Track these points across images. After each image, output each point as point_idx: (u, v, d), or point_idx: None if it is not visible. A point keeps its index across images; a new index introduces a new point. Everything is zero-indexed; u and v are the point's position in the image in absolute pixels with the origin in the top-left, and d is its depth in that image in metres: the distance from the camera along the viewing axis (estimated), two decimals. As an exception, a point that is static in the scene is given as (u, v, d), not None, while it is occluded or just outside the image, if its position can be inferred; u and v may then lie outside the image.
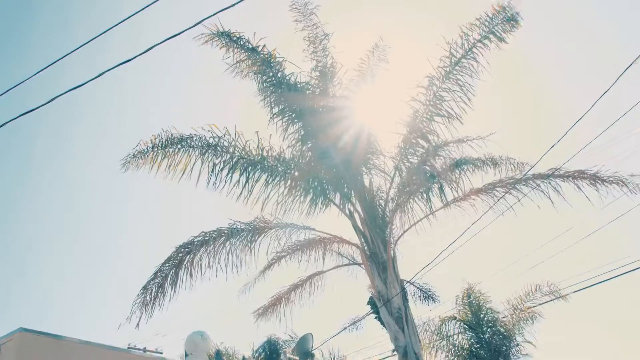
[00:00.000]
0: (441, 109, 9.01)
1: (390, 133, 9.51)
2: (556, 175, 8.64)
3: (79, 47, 4.48)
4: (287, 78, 9.13)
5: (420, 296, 12.91)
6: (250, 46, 9.00)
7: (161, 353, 20.50)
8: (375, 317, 9.05)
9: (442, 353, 13.99)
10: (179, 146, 8.45)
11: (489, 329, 13.94)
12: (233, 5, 4.12)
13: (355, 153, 9.19)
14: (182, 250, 8.45)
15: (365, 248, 9.08)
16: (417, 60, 9.58)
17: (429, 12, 25.09)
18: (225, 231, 8.72)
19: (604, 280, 10.27)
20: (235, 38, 8.95)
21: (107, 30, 4.41)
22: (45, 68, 4.55)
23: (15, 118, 4.73)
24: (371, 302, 9.29)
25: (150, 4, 4.26)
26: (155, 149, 8.42)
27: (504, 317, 14.14)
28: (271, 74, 9.13)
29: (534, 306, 13.69)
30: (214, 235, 8.61)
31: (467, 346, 13.89)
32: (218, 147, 8.56)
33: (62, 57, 4.50)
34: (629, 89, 7.25)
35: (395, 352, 8.64)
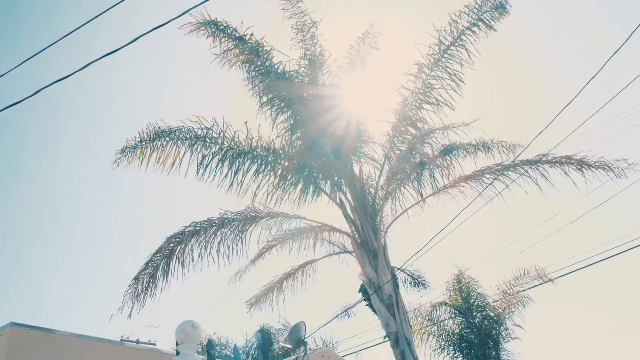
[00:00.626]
0: (430, 97, 9.05)
1: (380, 121, 9.55)
2: (543, 161, 8.74)
3: (64, 36, 4.41)
4: (276, 67, 9.08)
5: (410, 283, 13.04)
6: (238, 35, 8.92)
7: (154, 344, 20.53)
8: (367, 304, 9.14)
9: (433, 338, 14.21)
10: (167, 139, 8.40)
11: (479, 314, 14.17)
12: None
13: (345, 141, 9.21)
14: (174, 240, 8.43)
15: (356, 236, 9.14)
16: (407, 47, 9.56)
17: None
18: (216, 221, 8.71)
19: (591, 264, 10.48)
20: (222, 27, 8.87)
21: (94, 18, 4.34)
22: (30, 58, 4.48)
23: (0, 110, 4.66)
24: (362, 290, 9.37)
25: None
26: (144, 143, 8.37)
27: (493, 302, 14.37)
28: (259, 63, 9.07)
29: (523, 290, 13.92)
30: (204, 225, 8.59)
31: (458, 331, 14.12)
32: (207, 139, 8.52)
33: (47, 47, 4.43)
34: (615, 75, 7.33)
35: (386, 339, 8.75)
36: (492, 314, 14.07)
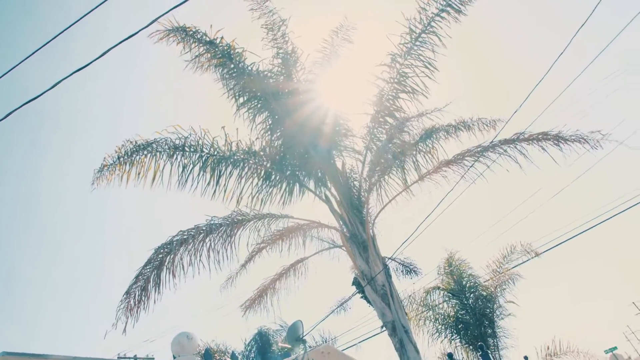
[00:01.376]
0: (406, 86, 9.10)
1: (359, 113, 9.58)
2: (521, 139, 8.88)
3: (32, 54, 4.32)
4: (249, 68, 9.04)
5: (402, 271, 13.18)
6: (208, 39, 8.85)
7: (152, 359, 20.35)
8: (361, 297, 9.19)
9: (430, 323, 14.37)
10: (146, 152, 8.29)
11: (472, 295, 14.38)
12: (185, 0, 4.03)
13: (325, 136, 9.22)
14: (162, 251, 8.35)
15: (344, 230, 9.17)
16: (381, 39, 9.57)
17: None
18: (204, 228, 8.65)
19: (575, 235, 10.69)
20: (191, 32, 8.78)
21: (62, 33, 4.26)
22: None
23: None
24: (355, 282, 9.42)
25: (100, 5, 4.13)
26: (122, 159, 8.25)
27: (485, 282, 14.60)
28: (232, 66, 9.01)
29: (512, 267, 14.18)
30: (192, 233, 8.53)
31: (453, 313, 14.31)
32: (185, 148, 8.44)
33: (13, 68, 4.33)
34: (586, 49, 7.49)
35: (384, 328, 8.82)
36: (484, 294, 14.30)
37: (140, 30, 4.25)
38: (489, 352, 13.09)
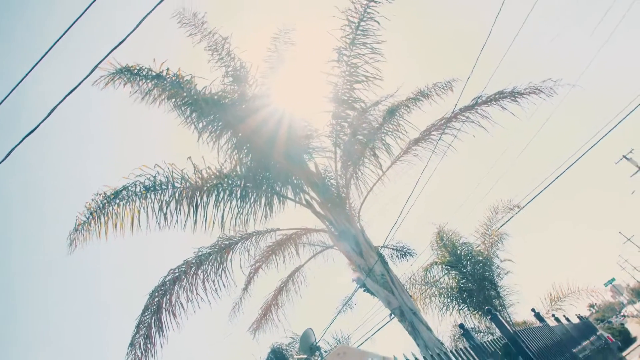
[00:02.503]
0: (358, 76, 9.18)
1: (321, 112, 9.61)
2: (480, 102, 9.08)
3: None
4: (202, 92, 8.94)
5: (397, 256, 13.29)
6: (154, 73, 8.72)
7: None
8: (364, 290, 9.25)
9: (435, 299, 14.51)
10: (118, 201, 8.10)
11: (468, 262, 14.59)
12: (123, 40, 3.97)
13: (293, 142, 9.22)
14: (157, 294, 8.20)
15: (332, 230, 9.18)
16: (325, 36, 9.61)
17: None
18: (193, 261, 8.54)
19: (551, 182, 10.99)
20: (136, 71, 8.64)
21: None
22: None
23: None
24: (355, 278, 9.45)
25: (35, 64, 4.03)
26: (96, 214, 8.04)
27: (477, 247, 14.84)
28: (184, 94, 8.90)
29: (500, 226, 14.47)
30: (183, 268, 8.41)
31: (455, 284, 14.49)
32: (157, 187, 8.29)
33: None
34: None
35: (392, 315, 8.88)
36: (480, 259, 14.53)
37: (82, 82, 4.16)
38: (498, 313, 13.32)
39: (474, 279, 14.26)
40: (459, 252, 14.74)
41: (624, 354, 17.34)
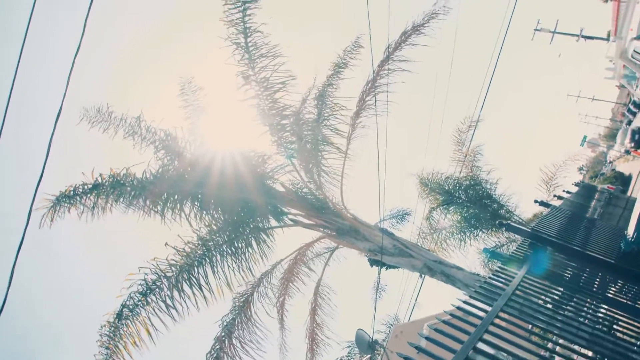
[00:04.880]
0: (273, 86, 9.17)
1: (259, 136, 9.59)
2: (392, 51, 9.25)
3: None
4: (143, 178, 8.72)
5: (397, 221, 13.40)
6: (90, 185, 8.46)
7: None
8: (386, 268, 9.28)
9: (450, 239, 14.70)
10: (123, 321, 7.77)
11: (460, 191, 14.86)
12: (42, 175, 3.83)
13: (251, 176, 9.14)
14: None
15: (328, 231, 9.19)
16: (228, 68, 9.54)
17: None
18: (223, 334, 8.34)
19: (489, 84, 11.33)
20: (71, 192, 8.37)
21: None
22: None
23: None
24: (372, 261, 9.49)
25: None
26: (111, 344, 7.68)
27: (461, 173, 15.12)
28: (129, 189, 8.68)
29: (469, 145, 14.81)
30: (217, 347, 8.19)
31: (459, 216, 14.73)
32: (151, 287, 8.00)
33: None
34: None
35: (423, 275, 8.96)
36: (468, 182, 14.83)
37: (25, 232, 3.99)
38: (509, 222, 13.62)
39: (473, 203, 14.54)
40: (446, 187, 14.98)
41: (628, 194, 18.08)
